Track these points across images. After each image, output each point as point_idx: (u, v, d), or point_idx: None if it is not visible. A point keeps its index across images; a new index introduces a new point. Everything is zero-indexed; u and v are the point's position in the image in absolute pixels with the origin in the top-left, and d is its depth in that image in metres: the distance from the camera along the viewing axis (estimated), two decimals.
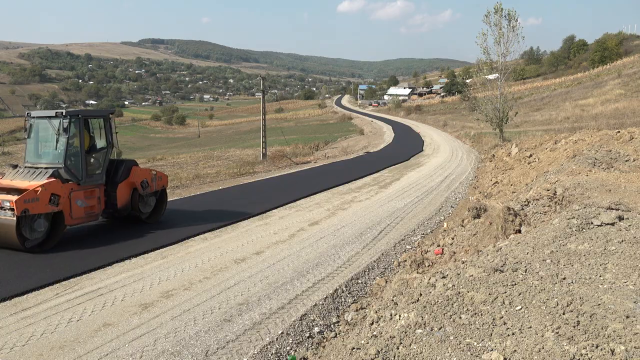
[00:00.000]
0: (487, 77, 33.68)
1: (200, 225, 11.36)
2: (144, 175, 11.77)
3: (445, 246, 8.90)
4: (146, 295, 7.23)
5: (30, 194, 9.11)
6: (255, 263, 8.81)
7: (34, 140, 10.82)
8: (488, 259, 5.12)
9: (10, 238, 8.99)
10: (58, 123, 10.32)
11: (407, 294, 4.81)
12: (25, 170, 10.21)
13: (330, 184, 17.79)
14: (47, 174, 9.82)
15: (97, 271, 8.26)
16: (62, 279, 7.77)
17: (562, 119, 47.49)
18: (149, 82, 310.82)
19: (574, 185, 8.29)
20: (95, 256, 8.96)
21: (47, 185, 9.46)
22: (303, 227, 11.60)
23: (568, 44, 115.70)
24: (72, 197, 10.09)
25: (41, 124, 10.81)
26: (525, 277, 4.34)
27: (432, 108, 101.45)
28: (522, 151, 19.99)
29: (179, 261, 8.89)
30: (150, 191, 11.85)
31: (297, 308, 6.93)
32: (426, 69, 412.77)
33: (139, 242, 9.93)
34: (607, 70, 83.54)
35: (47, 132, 10.66)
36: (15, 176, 10.11)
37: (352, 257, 9.34)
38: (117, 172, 11.21)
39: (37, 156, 10.68)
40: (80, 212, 10.37)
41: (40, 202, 9.24)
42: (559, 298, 3.83)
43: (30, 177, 9.92)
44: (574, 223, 5.54)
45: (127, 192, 11.35)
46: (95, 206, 10.79)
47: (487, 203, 9.79)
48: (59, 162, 10.20)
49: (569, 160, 12.41)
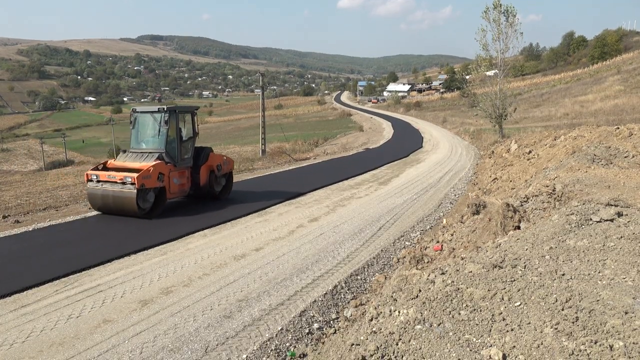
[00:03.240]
0: (487, 73, 33.65)
1: (199, 222, 11.37)
2: (218, 159, 14.36)
3: (444, 242, 8.91)
4: (146, 292, 7.24)
5: (145, 172, 11.69)
6: (255, 259, 8.82)
7: (137, 130, 13.33)
8: (487, 255, 5.12)
9: (131, 206, 11.56)
10: (160, 117, 12.90)
11: (406, 290, 4.82)
12: (132, 154, 12.83)
13: (329, 181, 17.79)
14: (154, 157, 12.42)
15: (97, 268, 8.26)
16: (61, 276, 7.77)
17: (561, 115, 47.51)
18: (148, 79, 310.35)
19: (573, 182, 8.29)
20: (94, 253, 8.96)
21: (156, 166, 12.07)
22: (302, 223, 11.61)
23: (568, 40, 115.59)
24: (171, 176, 12.60)
25: (144, 117, 13.33)
26: (524, 273, 4.35)
27: (431, 104, 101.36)
28: (522, 147, 20.00)
29: (179, 258, 8.89)
30: (222, 173, 14.40)
31: (297, 304, 6.94)
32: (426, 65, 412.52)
33: (138, 239, 9.93)
34: (606, 66, 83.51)
35: (149, 124, 13.26)
36: (125, 159, 12.71)
37: (351, 254, 9.35)
38: (199, 157, 13.73)
39: (140, 143, 13.24)
40: (176, 188, 12.89)
41: (151, 178, 11.82)
42: (558, 294, 3.83)
43: (139, 159, 12.54)
44: (573, 219, 5.55)
45: (206, 173, 13.86)
46: (185, 184, 13.30)
47: (486, 199, 9.79)
48: (160, 147, 12.74)
49: (568, 156, 12.41)
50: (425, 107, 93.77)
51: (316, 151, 35.61)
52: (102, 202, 12.03)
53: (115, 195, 11.71)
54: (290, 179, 18.88)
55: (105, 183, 11.92)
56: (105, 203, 11.98)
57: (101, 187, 11.94)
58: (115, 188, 11.73)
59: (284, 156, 29.49)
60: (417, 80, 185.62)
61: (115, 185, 11.74)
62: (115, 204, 11.80)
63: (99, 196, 12.00)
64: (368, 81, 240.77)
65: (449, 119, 60.62)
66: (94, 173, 12.15)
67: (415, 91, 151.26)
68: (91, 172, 12.26)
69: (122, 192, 11.60)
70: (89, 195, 12.27)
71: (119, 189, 11.67)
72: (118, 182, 11.70)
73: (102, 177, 11.99)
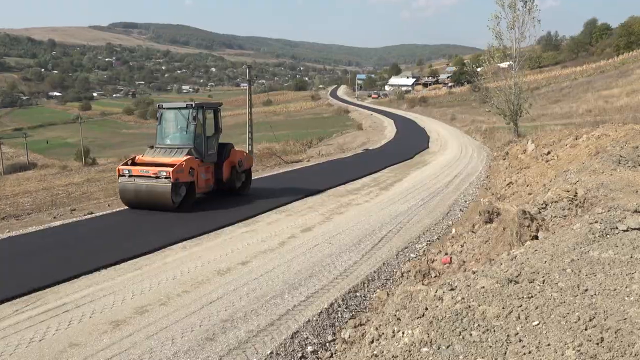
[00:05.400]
0: (500, 65, 33.78)
1: (178, 233, 11.33)
2: (239, 155, 16.14)
3: (453, 254, 8.93)
4: (118, 312, 7.20)
5: (179, 167, 13.17)
6: (241, 274, 8.79)
7: (163, 126, 14.97)
8: (501, 268, 5.13)
9: (166, 200, 13.09)
10: (188, 113, 14.50)
11: (411, 308, 4.82)
12: (160, 149, 14.42)
13: (324, 185, 17.80)
14: (184, 152, 13.93)
15: (63, 284, 8.20)
16: (22, 294, 7.70)
17: (583, 111, 47.74)
18: (121, 71, 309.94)
19: (597, 186, 8.33)
20: (60, 267, 8.90)
21: (188, 160, 13.59)
22: (294, 233, 11.60)
23: (590, 28, 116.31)
24: (199, 171, 14.09)
25: (171, 113, 15.05)
26: (543, 289, 4.35)
27: (438, 100, 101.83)
28: (539, 148, 20.08)
29: (155, 273, 8.85)
30: (243, 169, 16.12)
31: (288, 325, 6.92)
32: (432, 57, 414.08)
33: (110, 252, 9.87)
34: (633, 57, 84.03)
35: (176, 119, 14.90)
36: (154, 154, 14.30)
37: (349, 268, 9.35)
38: (221, 153, 15.35)
39: (167, 138, 14.88)
40: (202, 183, 14.44)
41: (184, 173, 13.35)
42: (581, 312, 3.84)
43: (168, 154, 14.08)
44: (597, 228, 5.57)
45: (229, 168, 15.52)
46: (210, 179, 14.94)
47: (500, 206, 9.82)
48: (189, 143, 14.30)
49: (591, 158, 12.47)
50: (432, 103, 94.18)
51: (310, 152, 35.68)
52: (135, 197, 13.58)
53: (149, 190, 13.28)
54: (281, 183, 18.87)
55: (137, 177, 13.42)
56: (138, 197, 13.53)
57: (134, 182, 13.46)
58: (148, 182, 13.27)
59: (273, 158, 29.52)
60: (423, 73, 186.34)
61: (149, 180, 13.26)
62: (148, 198, 13.36)
63: (132, 190, 13.56)
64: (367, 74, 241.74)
65: (458, 116, 60.90)
66: (126, 168, 13.70)
67: (421, 85, 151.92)
68: (123, 167, 13.85)
69: (156, 186, 13.15)
70: (121, 190, 13.85)
71: (152, 183, 13.21)
72: (152, 177, 13.21)
73: (135, 171, 13.49)
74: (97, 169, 45.75)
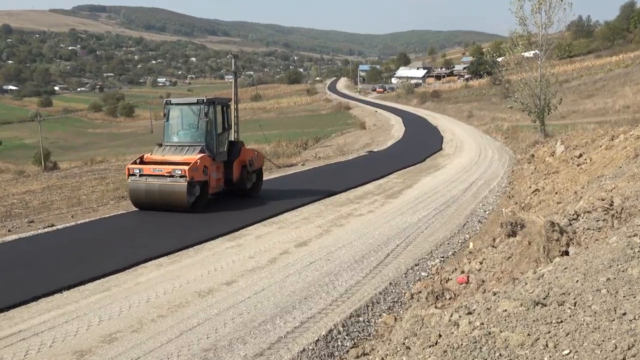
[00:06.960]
0: (524, 54, 33.86)
1: (153, 248, 11.31)
2: (250, 154, 17.16)
3: (471, 273, 8.93)
4: (82, 340, 7.17)
5: (194, 165, 13.99)
6: (225, 296, 8.78)
7: (171, 123, 15.91)
8: (526, 289, 5.14)
9: (181, 200, 13.95)
10: (199, 109, 15.43)
11: (422, 335, 4.82)
12: (169, 147, 15.32)
13: (322, 193, 17.81)
14: (196, 150, 14.83)
15: (18, 308, 8.17)
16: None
17: (620, 108, 47.93)
18: (86, 62, 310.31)
19: (636, 194, 8.35)
20: (15, 288, 8.87)
21: (202, 159, 14.43)
22: (287, 249, 11.59)
23: (627, 12, 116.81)
24: (211, 170, 14.95)
25: (179, 110, 16.04)
26: (574, 313, 4.36)
27: (453, 94, 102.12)
28: (570, 150, 20.15)
29: (126, 294, 8.83)
30: (253, 169, 17.14)
31: (280, 354, 6.91)
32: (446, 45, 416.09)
33: (74, 269, 9.85)
34: None
35: (185, 116, 15.89)
36: (164, 152, 15.16)
37: (351, 288, 9.34)
38: (231, 151, 16.36)
39: (175, 136, 15.93)
40: (214, 183, 15.38)
41: (198, 171, 14.20)
42: (618, 339, 3.84)
43: (179, 152, 14.98)
44: (637, 242, 5.58)
45: (239, 168, 16.44)
46: (221, 179, 15.86)
47: (524, 217, 9.83)
48: (200, 140, 15.27)
49: (630, 161, 12.51)
50: (446, 98, 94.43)
51: (305, 155, 35.73)
52: (146, 197, 14.38)
53: (162, 190, 14.07)
54: (271, 191, 18.85)
55: (149, 177, 14.23)
56: (150, 198, 14.31)
57: (145, 182, 14.25)
58: (162, 181, 14.07)
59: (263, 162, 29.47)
60: (435, 64, 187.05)
61: (162, 179, 14.06)
62: (162, 198, 14.12)
63: (143, 191, 14.35)
64: (372, 65, 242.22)
65: (475, 113, 61.04)
66: (136, 167, 14.47)
67: (433, 77, 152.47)
68: (132, 166, 14.61)
69: (171, 185, 13.99)
70: (131, 190, 14.67)
71: (166, 182, 14.02)
72: (165, 176, 14.00)
73: (146, 170, 14.30)
74: (58, 174, 45.63)
